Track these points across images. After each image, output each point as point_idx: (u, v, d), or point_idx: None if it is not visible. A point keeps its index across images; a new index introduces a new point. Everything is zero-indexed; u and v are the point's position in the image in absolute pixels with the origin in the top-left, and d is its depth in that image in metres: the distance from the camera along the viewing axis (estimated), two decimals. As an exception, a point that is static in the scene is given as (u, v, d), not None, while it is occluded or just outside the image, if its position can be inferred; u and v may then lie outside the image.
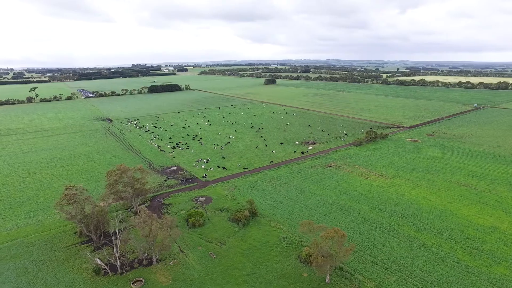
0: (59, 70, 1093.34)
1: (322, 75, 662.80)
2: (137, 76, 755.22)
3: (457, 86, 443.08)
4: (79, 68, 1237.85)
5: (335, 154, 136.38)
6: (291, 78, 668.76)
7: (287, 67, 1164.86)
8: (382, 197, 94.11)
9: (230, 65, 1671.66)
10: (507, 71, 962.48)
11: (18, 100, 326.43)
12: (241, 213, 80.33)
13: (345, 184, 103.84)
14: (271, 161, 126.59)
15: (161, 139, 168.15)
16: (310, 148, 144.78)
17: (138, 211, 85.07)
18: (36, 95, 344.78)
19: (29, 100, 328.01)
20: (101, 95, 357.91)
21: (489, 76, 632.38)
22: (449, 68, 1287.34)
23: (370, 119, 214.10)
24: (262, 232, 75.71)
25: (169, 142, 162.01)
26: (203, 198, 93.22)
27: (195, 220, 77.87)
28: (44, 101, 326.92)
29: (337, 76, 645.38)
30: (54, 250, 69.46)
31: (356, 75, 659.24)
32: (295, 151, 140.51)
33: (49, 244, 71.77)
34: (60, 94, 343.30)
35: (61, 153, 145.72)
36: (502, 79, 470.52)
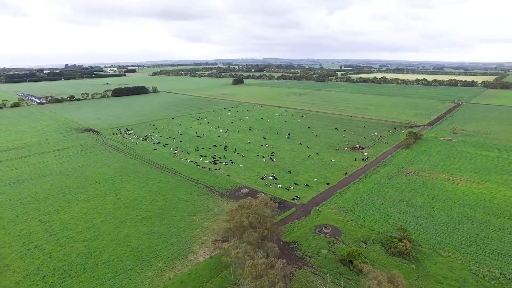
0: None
1: (285, 74, 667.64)
2: (82, 77, 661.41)
3: (414, 83, 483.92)
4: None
5: (396, 159, 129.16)
6: (254, 77, 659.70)
7: (239, 66, 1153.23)
8: (501, 206, 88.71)
9: (176, 65, 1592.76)
10: (429, 69, 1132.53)
11: None
12: (401, 244, 66.21)
13: (449, 194, 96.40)
14: (346, 173, 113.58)
15: (187, 152, 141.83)
16: (366, 154, 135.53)
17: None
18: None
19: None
20: (57, 101, 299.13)
21: (429, 74, 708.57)
22: (379, 66, 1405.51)
23: (382, 119, 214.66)
24: (442, 266, 62.80)
25: (200, 155, 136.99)
26: (328, 229, 75.99)
27: (362, 262, 61.38)
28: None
29: (299, 75, 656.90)
30: None
31: (312, 73, 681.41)
32: (355, 159, 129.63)
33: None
34: (4, 100, 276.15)
35: (69, 180, 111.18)
36: (452, 77, 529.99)
